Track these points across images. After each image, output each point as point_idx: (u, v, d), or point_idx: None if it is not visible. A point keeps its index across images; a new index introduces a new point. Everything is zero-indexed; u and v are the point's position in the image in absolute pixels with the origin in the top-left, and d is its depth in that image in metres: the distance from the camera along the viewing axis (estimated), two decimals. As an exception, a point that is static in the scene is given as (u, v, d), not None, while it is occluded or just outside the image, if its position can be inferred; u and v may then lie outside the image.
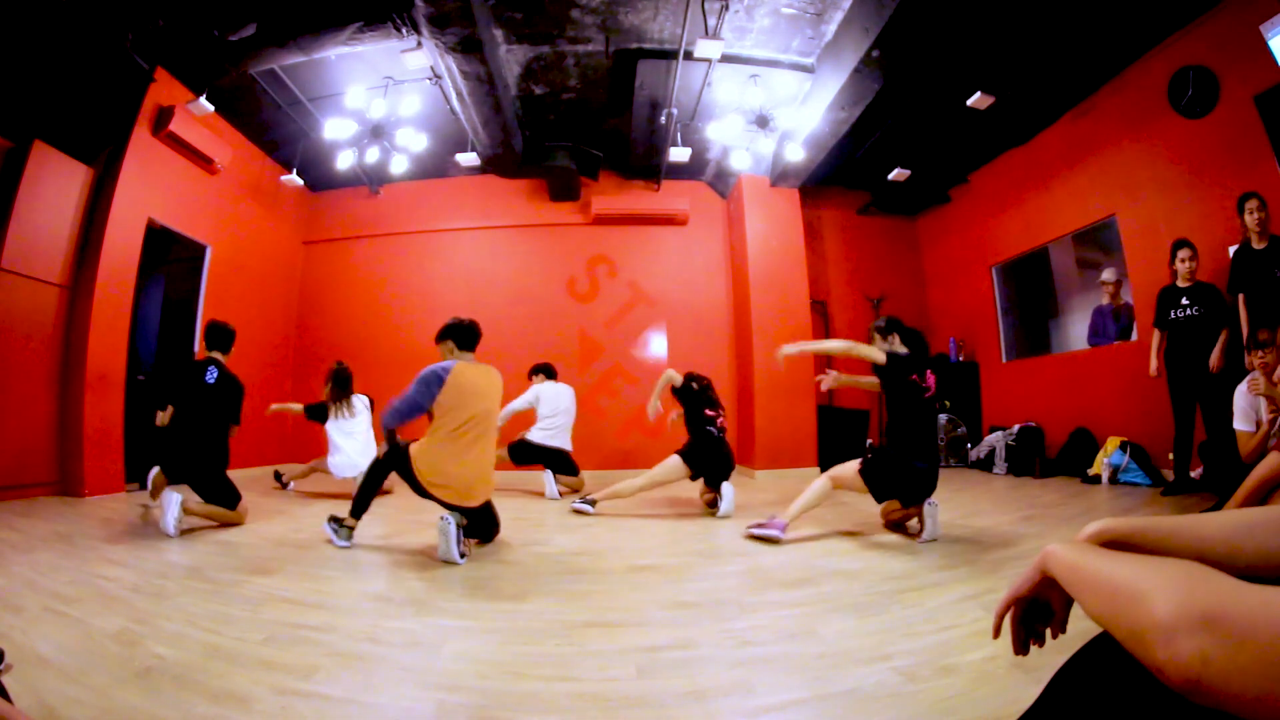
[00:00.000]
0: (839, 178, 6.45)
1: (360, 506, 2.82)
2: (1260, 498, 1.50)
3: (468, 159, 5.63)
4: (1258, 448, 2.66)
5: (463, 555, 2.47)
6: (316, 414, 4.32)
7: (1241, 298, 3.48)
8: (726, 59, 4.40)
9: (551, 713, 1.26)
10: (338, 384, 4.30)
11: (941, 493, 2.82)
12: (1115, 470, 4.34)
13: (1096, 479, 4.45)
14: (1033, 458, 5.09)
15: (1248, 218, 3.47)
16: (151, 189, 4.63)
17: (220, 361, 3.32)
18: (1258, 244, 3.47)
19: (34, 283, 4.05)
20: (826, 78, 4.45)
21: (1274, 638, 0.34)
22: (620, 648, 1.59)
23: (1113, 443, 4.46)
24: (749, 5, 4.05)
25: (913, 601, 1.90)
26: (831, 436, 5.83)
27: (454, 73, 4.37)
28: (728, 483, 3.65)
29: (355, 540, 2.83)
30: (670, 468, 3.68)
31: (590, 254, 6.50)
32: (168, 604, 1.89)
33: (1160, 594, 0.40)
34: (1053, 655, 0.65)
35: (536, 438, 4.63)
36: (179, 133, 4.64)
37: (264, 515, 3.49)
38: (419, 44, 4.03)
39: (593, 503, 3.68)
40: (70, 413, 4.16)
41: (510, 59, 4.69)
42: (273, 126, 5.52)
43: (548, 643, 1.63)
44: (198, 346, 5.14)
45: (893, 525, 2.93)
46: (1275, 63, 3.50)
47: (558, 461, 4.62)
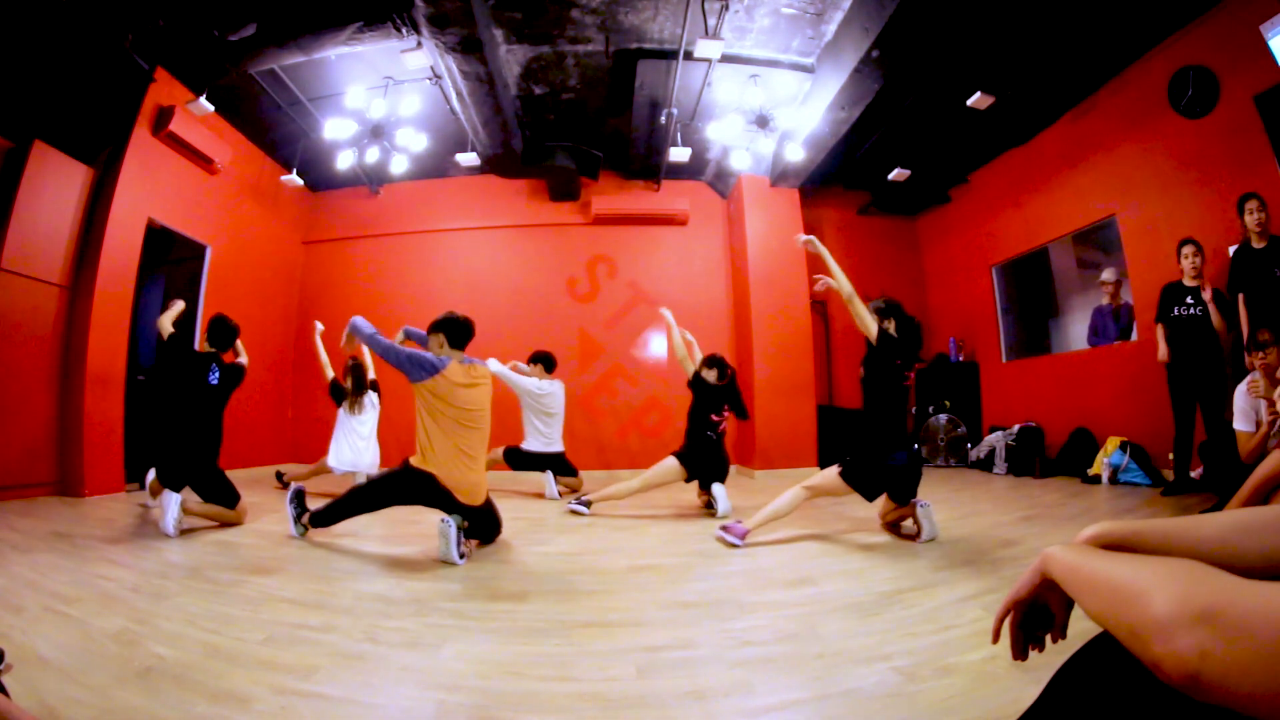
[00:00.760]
0: (839, 178, 6.45)
1: (327, 518, 2.78)
2: (1261, 498, 1.50)
3: (468, 159, 5.63)
4: (1257, 448, 2.66)
5: (462, 556, 2.47)
6: (335, 393, 4.38)
7: (1241, 298, 3.48)
8: (726, 59, 4.40)
9: (551, 713, 1.26)
10: (354, 381, 4.37)
11: (941, 492, 2.83)
12: (1115, 470, 4.34)
13: (1096, 479, 4.45)
14: (1033, 458, 5.09)
15: (1248, 218, 3.47)
16: (151, 189, 4.63)
17: (219, 357, 3.33)
18: (1257, 244, 3.47)
19: (34, 283, 4.05)
20: (826, 78, 4.45)
21: (1272, 633, 0.34)
22: (620, 648, 1.59)
23: (1113, 443, 4.46)
24: (749, 5, 4.05)
25: (913, 601, 1.89)
26: (831, 436, 5.84)
27: (454, 73, 4.37)
28: (719, 484, 3.64)
29: (355, 538, 2.83)
30: (666, 470, 3.67)
31: (590, 254, 6.50)
32: (168, 604, 1.89)
33: (1159, 590, 0.41)
34: (1053, 655, 0.66)
35: (535, 446, 4.56)
36: (179, 133, 4.63)
37: (264, 515, 3.49)
38: (419, 44, 4.03)
39: (588, 504, 3.66)
40: (70, 413, 4.16)
41: (510, 59, 4.69)
42: (273, 126, 5.51)
43: (548, 643, 1.63)
44: (197, 345, 5.14)
45: (891, 526, 2.93)
46: (1275, 63, 3.50)
47: (557, 464, 4.61)
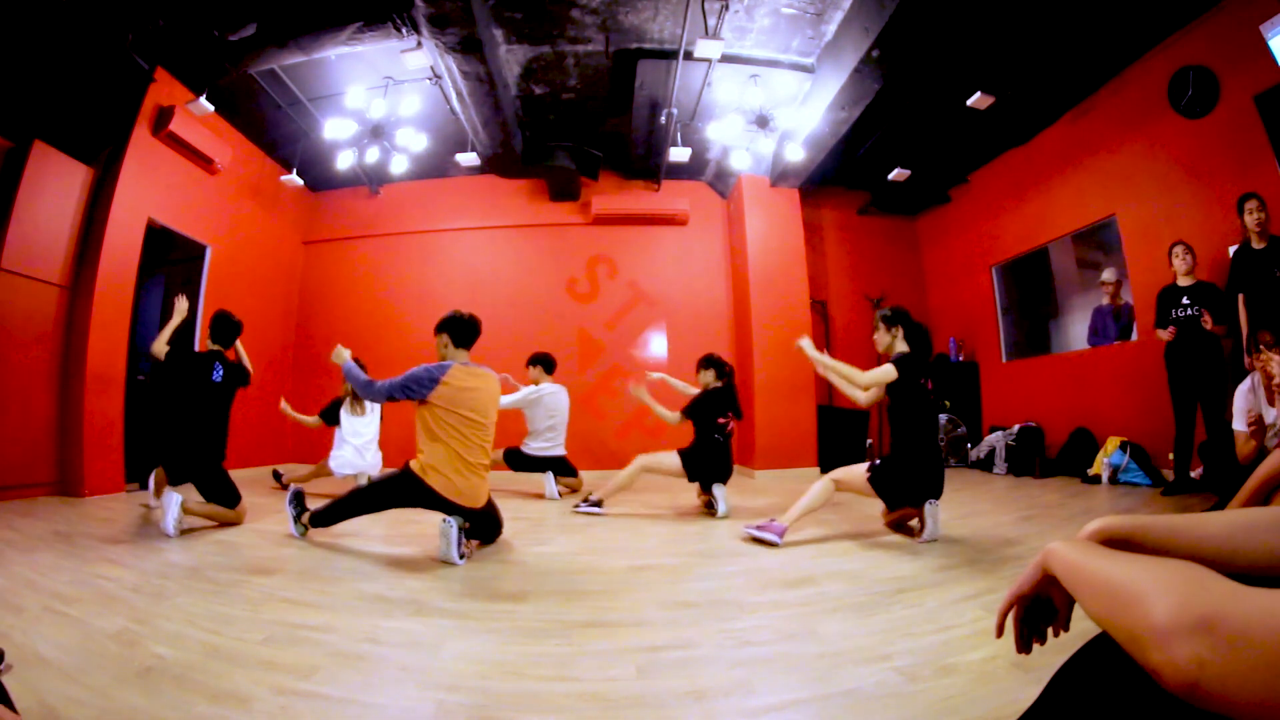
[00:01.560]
0: (839, 178, 6.45)
1: (328, 518, 2.77)
2: (1262, 498, 1.50)
3: (468, 159, 5.63)
4: (1255, 450, 2.66)
5: (463, 556, 2.47)
6: (330, 417, 4.33)
7: (1241, 298, 3.48)
8: (726, 59, 4.40)
9: (551, 713, 1.26)
10: None
11: (943, 492, 2.82)
12: (1115, 470, 4.34)
13: (1096, 479, 4.45)
14: (1033, 458, 5.09)
15: (1247, 218, 3.46)
16: (151, 189, 4.63)
17: (223, 355, 3.32)
18: (1257, 244, 3.46)
19: (34, 283, 4.05)
20: (826, 78, 4.45)
21: (1271, 642, 0.34)
22: (620, 648, 1.59)
23: (1113, 443, 4.46)
24: (749, 5, 4.05)
25: (913, 601, 1.89)
26: (831, 436, 5.83)
27: (454, 73, 4.37)
28: (720, 485, 3.63)
29: (355, 539, 2.84)
30: (667, 462, 3.67)
31: (590, 254, 6.50)
32: (168, 604, 1.89)
33: (1158, 596, 0.40)
34: (1053, 655, 0.66)
35: (534, 449, 4.53)
36: (179, 133, 4.64)
37: (264, 515, 3.49)
38: (419, 44, 4.03)
39: (599, 503, 3.64)
40: (70, 413, 4.16)
41: (510, 59, 4.69)
42: (273, 126, 5.52)
43: (548, 643, 1.63)
44: (198, 340, 5.14)
45: (894, 525, 2.93)
46: (1275, 63, 3.50)
47: (557, 466, 4.59)
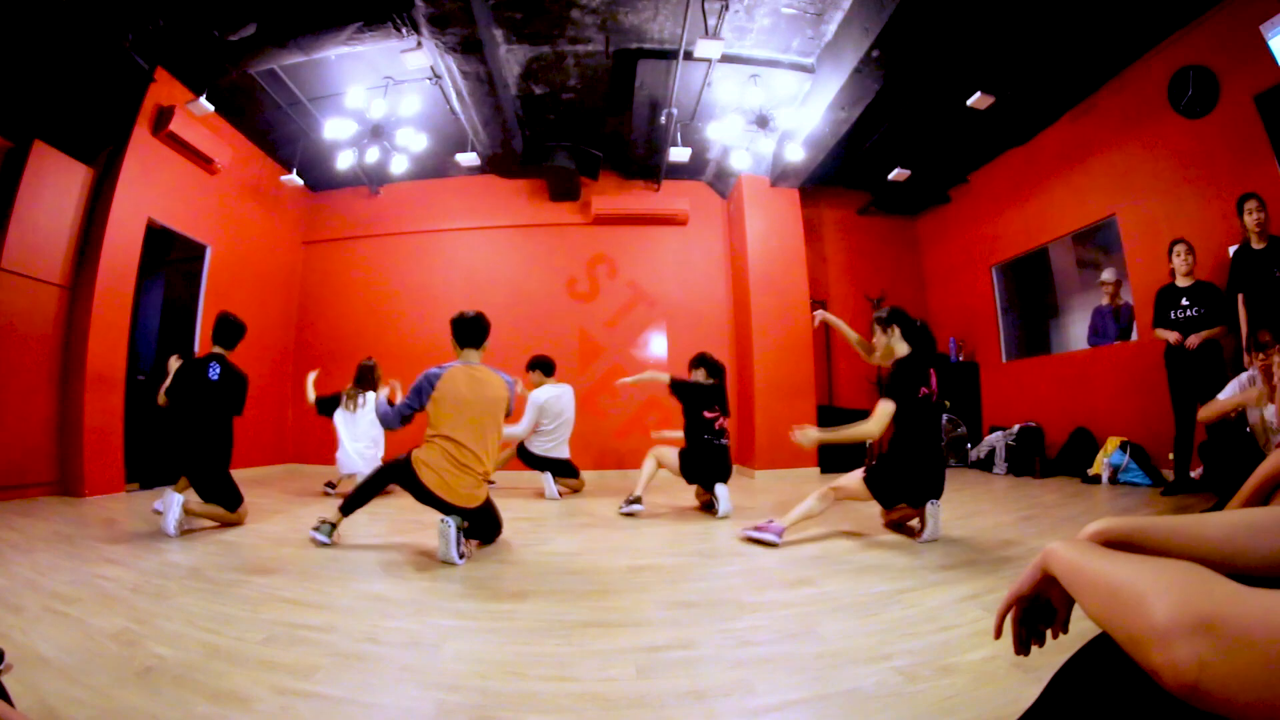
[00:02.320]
0: (839, 178, 6.45)
1: (350, 505, 2.79)
2: (1262, 498, 1.50)
3: (468, 159, 5.63)
4: (1218, 418, 2.81)
5: (462, 556, 2.47)
6: (323, 407, 4.41)
7: (1241, 298, 3.48)
8: (726, 59, 4.40)
9: (551, 713, 1.26)
10: (357, 378, 4.43)
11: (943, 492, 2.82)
12: (1115, 470, 4.34)
13: (1096, 479, 4.45)
14: (1033, 458, 5.09)
15: (1247, 218, 3.46)
16: (151, 189, 4.63)
17: (223, 356, 3.30)
18: (1257, 244, 3.46)
19: (34, 283, 4.05)
20: (826, 78, 4.45)
21: (1271, 643, 0.34)
22: (620, 648, 1.59)
23: (1113, 443, 4.46)
24: (749, 5, 4.05)
25: (913, 601, 1.89)
26: (831, 436, 5.83)
27: (454, 73, 4.37)
28: (723, 485, 3.63)
29: (355, 538, 2.83)
30: (671, 459, 3.70)
31: (590, 254, 6.50)
32: (168, 604, 1.89)
33: (1158, 597, 0.40)
34: (1053, 655, 0.66)
35: (537, 449, 4.56)
36: (179, 133, 4.64)
37: (264, 515, 3.49)
38: (419, 44, 4.03)
39: (638, 499, 3.64)
40: (70, 413, 4.16)
41: (510, 59, 4.69)
42: (273, 126, 5.52)
43: (548, 643, 1.63)
44: (198, 345, 5.15)
45: (893, 525, 2.93)
46: (1275, 63, 3.50)
47: (558, 467, 4.60)
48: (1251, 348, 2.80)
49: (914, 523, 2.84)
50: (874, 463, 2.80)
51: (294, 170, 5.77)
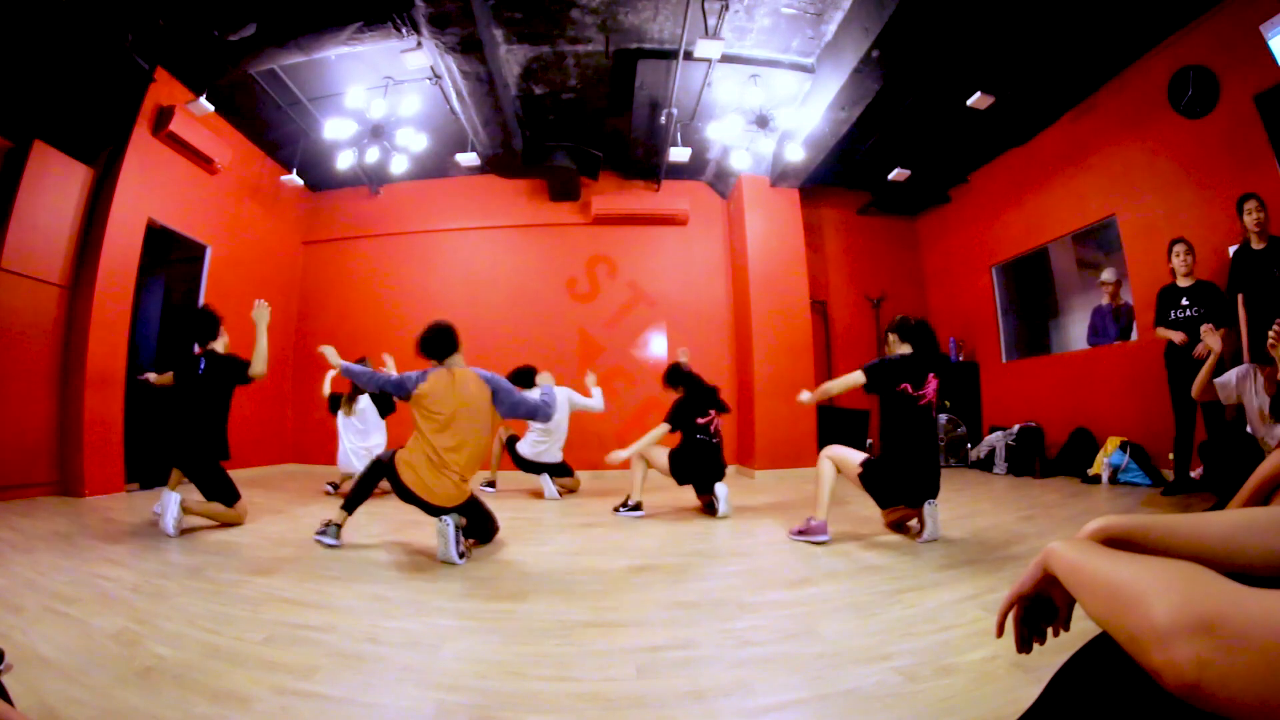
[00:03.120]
0: (839, 178, 6.45)
1: (351, 502, 2.82)
2: (1262, 498, 1.50)
3: (468, 159, 5.63)
4: (1203, 387, 2.84)
5: (462, 555, 2.48)
6: (331, 404, 4.58)
7: (1240, 298, 3.47)
8: (726, 59, 4.40)
9: (551, 713, 1.26)
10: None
11: (942, 492, 2.81)
12: (1115, 470, 4.34)
13: (1096, 479, 4.44)
14: (1033, 458, 5.09)
15: (1246, 218, 3.46)
16: (151, 189, 4.63)
17: (212, 352, 3.34)
18: (1257, 244, 3.47)
19: (34, 283, 4.05)
20: (826, 78, 4.45)
21: (1271, 643, 0.34)
22: (620, 648, 1.59)
23: (1113, 443, 4.46)
24: (749, 5, 4.05)
25: (913, 601, 1.89)
26: (831, 436, 5.83)
27: (454, 73, 4.37)
28: (721, 483, 3.61)
29: (355, 538, 2.83)
30: (660, 460, 3.66)
31: (590, 254, 6.50)
32: (168, 604, 1.89)
33: (1158, 597, 0.40)
34: (1053, 655, 0.66)
35: (528, 452, 4.55)
36: (179, 133, 4.64)
37: (264, 515, 3.49)
38: (419, 44, 4.03)
39: (639, 505, 3.62)
40: (70, 413, 4.16)
41: (510, 59, 4.69)
42: (273, 126, 5.51)
43: (548, 643, 1.63)
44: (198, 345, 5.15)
45: (894, 526, 2.93)
46: (1275, 63, 3.50)
47: (552, 470, 4.59)
48: (1257, 350, 2.80)
49: (913, 523, 2.84)
50: (870, 460, 2.80)
51: (294, 170, 5.77)
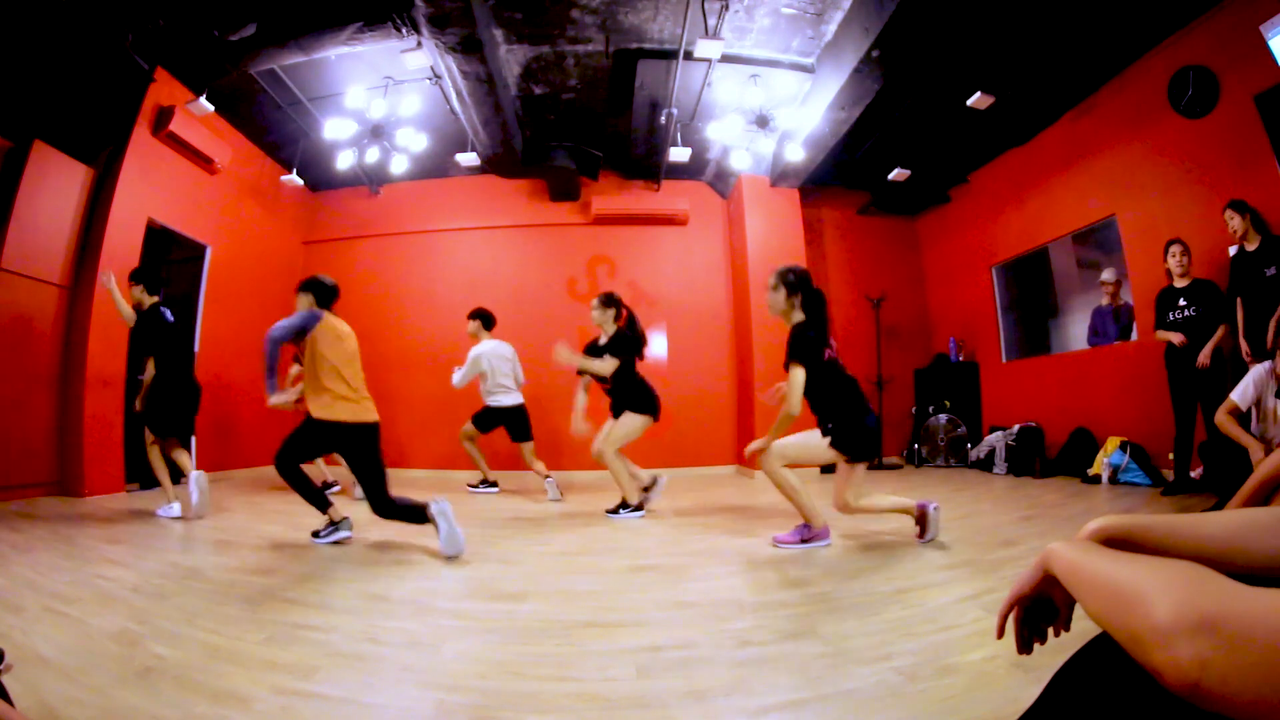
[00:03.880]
0: (839, 178, 6.44)
1: (312, 501, 2.87)
2: (1262, 498, 1.50)
3: (468, 159, 5.63)
4: (1230, 419, 2.72)
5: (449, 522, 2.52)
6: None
7: (1239, 301, 3.49)
8: (726, 59, 4.40)
9: (551, 713, 1.26)
10: None
11: (941, 492, 2.83)
12: (1115, 470, 4.34)
13: (1096, 479, 4.45)
14: (1033, 458, 5.09)
15: (1229, 224, 3.52)
16: (151, 189, 4.63)
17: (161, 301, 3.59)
18: (1251, 245, 3.50)
19: (34, 283, 4.05)
20: (826, 78, 4.45)
21: (1273, 642, 0.34)
22: (620, 648, 1.59)
23: (1113, 443, 4.46)
24: (749, 5, 4.05)
25: (913, 601, 1.89)
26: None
27: (454, 73, 4.37)
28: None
29: (355, 540, 2.84)
30: (619, 429, 3.69)
31: (590, 254, 6.49)
32: (168, 604, 1.89)
33: (1159, 596, 0.40)
34: (1053, 655, 0.66)
35: (495, 402, 4.62)
36: (179, 133, 4.64)
37: (264, 515, 3.49)
38: (419, 44, 4.03)
39: (639, 506, 3.60)
40: (70, 413, 4.16)
41: (510, 59, 4.69)
42: (273, 126, 5.51)
43: (548, 643, 1.63)
44: (198, 345, 5.14)
45: (827, 470, 2.82)
46: (1275, 63, 3.50)
47: (515, 421, 4.62)
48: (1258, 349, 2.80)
49: (912, 526, 2.83)
50: (833, 427, 2.73)
51: (294, 170, 5.77)
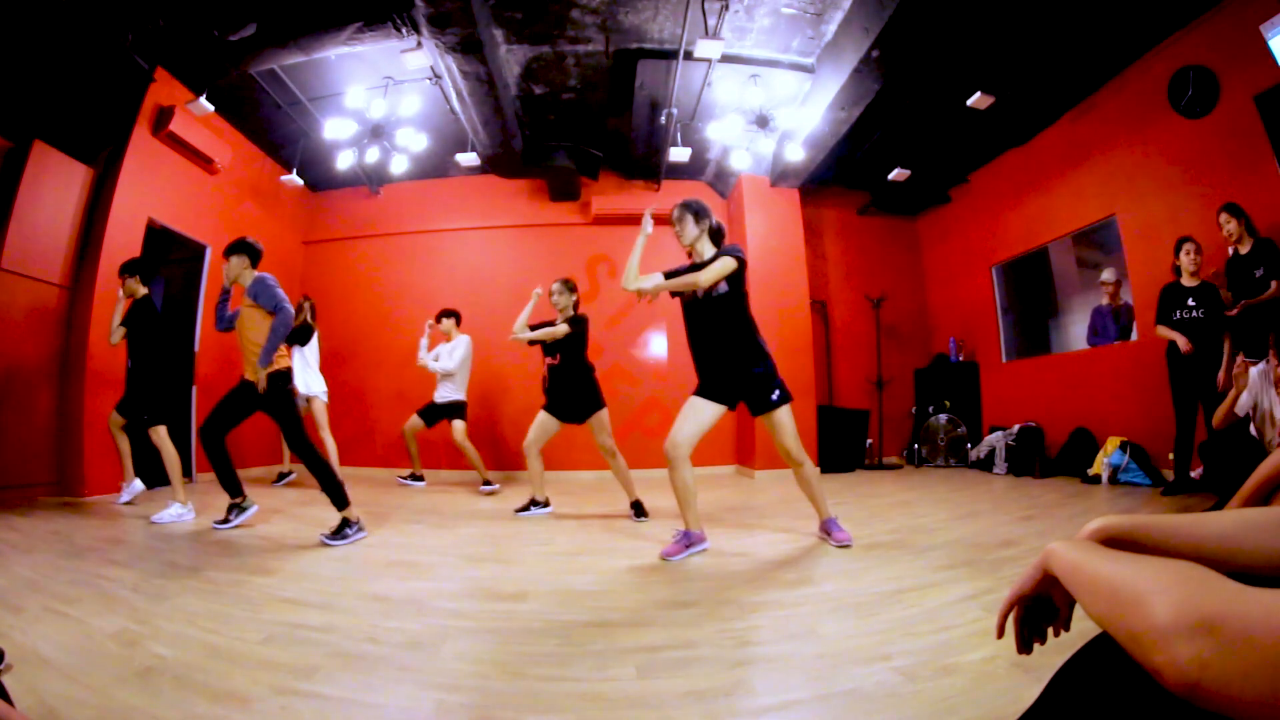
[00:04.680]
0: (839, 178, 6.45)
1: (331, 493, 2.93)
2: (1262, 498, 1.50)
3: (468, 159, 5.62)
4: (1227, 415, 2.76)
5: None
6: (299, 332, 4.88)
7: (1240, 306, 3.51)
8: (726, 59, 4.39)
9: (551, 713, 1.26)
10: (311, 313, 5.01)
11: (941, 492, 2.82)
12: (1115, 470, 4.34)
13: (1096, 479, 4.44)
14: (1033, 458, 5.09)
15: (1225, 228, 3.54)
16: (151, 189, 4.63)
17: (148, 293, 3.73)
18: (1243, 249, 3.53)
19: (34, 283, 4.05)
20: (826, 78, 4.45)
21: (1273, 642, 0.34)
22: (620, 648, 1.59)
23: (1113, 443, 4.46)
24: (749, 5, 4.05)
25: (913, 601, 1.89)
26: (831, 436, 5.83)
27: (454, 73, 4.37)
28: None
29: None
30: (541, 424, 3.75)
31: (590, 254, 6.49)
32: (168, 604, 1.89)
33: (1159, 597, 0.40)
34: (1053, 655, 0.66)
35: (449, 397, 4.79)
36: (179, 133, 4.63)
37: (264, 515, 3.49)
38: (419, 44, 4.02)
39: (643, 512, 3.52)
40: (70, 413, 4.16)
41: (510, 59, 4.69)
42: (273, 126, 5.51)
43: (548, 643, 1.63)
44: (197, 345, 5.15)
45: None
46: (1275, 63, 3.50)
47: (456, 410, 4.81)
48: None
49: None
50: (700, 382, 2.86)
51: (294, 170, 5.76)
